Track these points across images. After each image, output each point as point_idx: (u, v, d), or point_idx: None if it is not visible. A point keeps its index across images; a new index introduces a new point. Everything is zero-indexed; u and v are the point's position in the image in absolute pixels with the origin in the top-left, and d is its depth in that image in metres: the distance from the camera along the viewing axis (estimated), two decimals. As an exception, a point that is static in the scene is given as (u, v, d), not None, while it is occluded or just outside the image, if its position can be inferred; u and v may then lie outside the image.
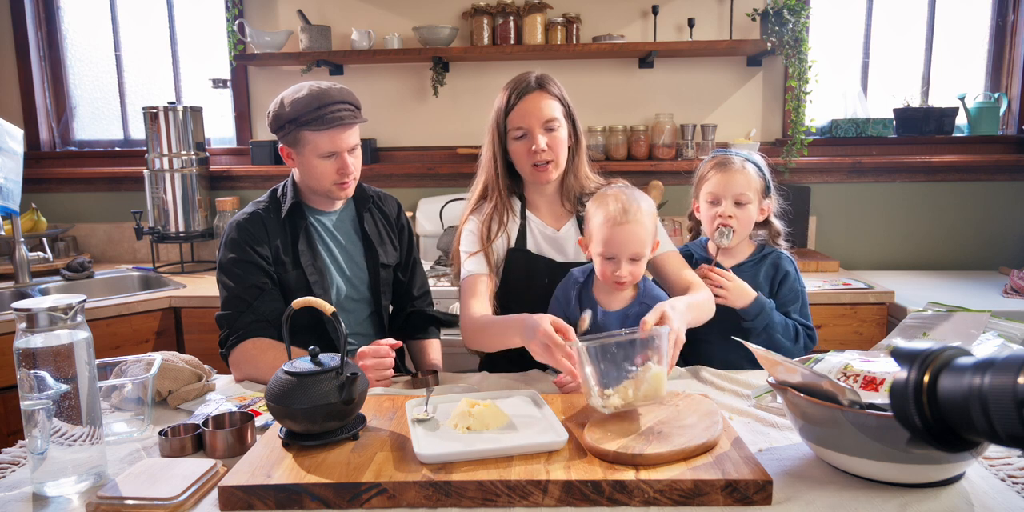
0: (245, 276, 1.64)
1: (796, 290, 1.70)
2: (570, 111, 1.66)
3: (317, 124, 1.60)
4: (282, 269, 1.70)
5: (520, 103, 1.60)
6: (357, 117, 1.66)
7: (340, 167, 1.66)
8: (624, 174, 2.73)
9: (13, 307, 1.04)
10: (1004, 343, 1.23)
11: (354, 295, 1.80)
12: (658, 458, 1.03)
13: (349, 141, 1.66)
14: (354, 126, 1.67)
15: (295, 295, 1.65)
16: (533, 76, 1.63)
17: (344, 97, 1.65)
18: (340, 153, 1.65)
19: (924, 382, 0.67)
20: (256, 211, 1.72)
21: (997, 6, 3.00)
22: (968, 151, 2.95)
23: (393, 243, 1.87)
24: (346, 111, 1.63)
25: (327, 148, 1.64)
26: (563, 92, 1.66)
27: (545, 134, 1.60)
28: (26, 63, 3.18)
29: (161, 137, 2.85)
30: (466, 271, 1.64)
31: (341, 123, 1.61)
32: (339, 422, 1.14)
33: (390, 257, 1.85)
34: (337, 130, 1.63)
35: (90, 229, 3.24)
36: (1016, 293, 2.48)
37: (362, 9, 3.07)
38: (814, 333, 1.69)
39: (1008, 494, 1.00)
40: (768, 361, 1.10)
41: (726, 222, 1.65)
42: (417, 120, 3.13)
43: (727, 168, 1.67)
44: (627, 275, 1.47)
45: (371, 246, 1.80)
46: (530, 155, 1.60)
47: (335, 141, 1.64)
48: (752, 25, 2.94)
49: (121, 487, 1.01)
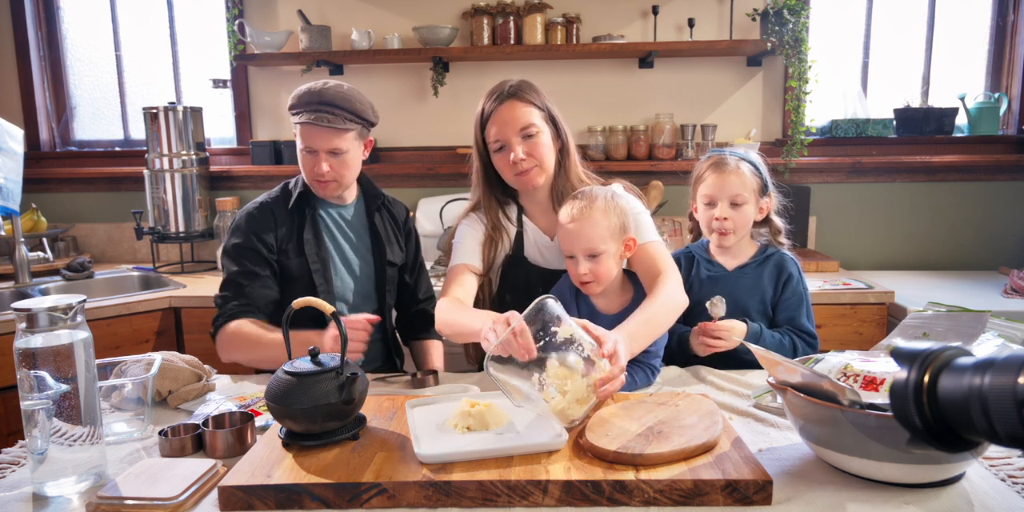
0: (243, 262, 1.68)
1: (799, 293, 1.68)
2: (551, 114, 1.64)
3: (297, 116, 1.67)
4: (285, 257, 1.73)
5: (494, 114, 1.59)
6: (338, 123, 1.64)
7: (314, 165, 1.68)
8: (624, 174, 2.74)
9: (13, 307, 1.04)
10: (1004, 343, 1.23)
11: (359, 289, 1.81)
12: (658, 458, 1.03)
13: (326, 142, 1.66)
14: (335, 131, 1.65)
15: (298, 283, 1.71)
16: (508, 85, 1.62)
17: (339, 102, 1.65)
18: (317, 152, 1.67)
19: (924, 382, 0.67)
20: (266, 201, 1.77)
21: (997, 6, 3.00)
22: (968, 151, 2.95)
23: (400, 244, 1.89)
24: (330, 114, 1.64)
25: (303, 142, 1.68)
26: (542, 97, 1.63)
27: (523, 142, 1.58)
28: (26, 63, 3.18)
29: (161, 137, 2.85)
30: (453, 261, 1.65)
31: (315, 123, 1.63)
32: (339, 422, 1.14)
33: (396, 256, 1.86)
34: (311, 128, 1.65)
35: (90, 229, 3.24)
36: (1016, 293, 2.48)
37: (362, 9, 3.07)
38: (816, 341, 1.65)
39: (1008, 494, 1.00)
40: (768, 361, 1.10)
41: (723, 226, 1.66)
42: (417, 120, 3.13)
43: (722, 169, 1.66)
44: (588, 273, 1.47)
45: (379, 242, 1.82)
46: (511, 166, 1.59)
47: (310, 138, 1.66)
48: (752, 25, 2.94)
49: (121, 487, 1.01)
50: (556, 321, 1.21)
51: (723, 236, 1.67)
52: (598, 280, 1.48)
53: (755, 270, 1.70)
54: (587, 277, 1.47)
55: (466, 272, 1.62)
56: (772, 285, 1.69)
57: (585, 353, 1.20)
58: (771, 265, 1.69)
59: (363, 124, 1.71)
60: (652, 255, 1.56)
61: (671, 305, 1.47)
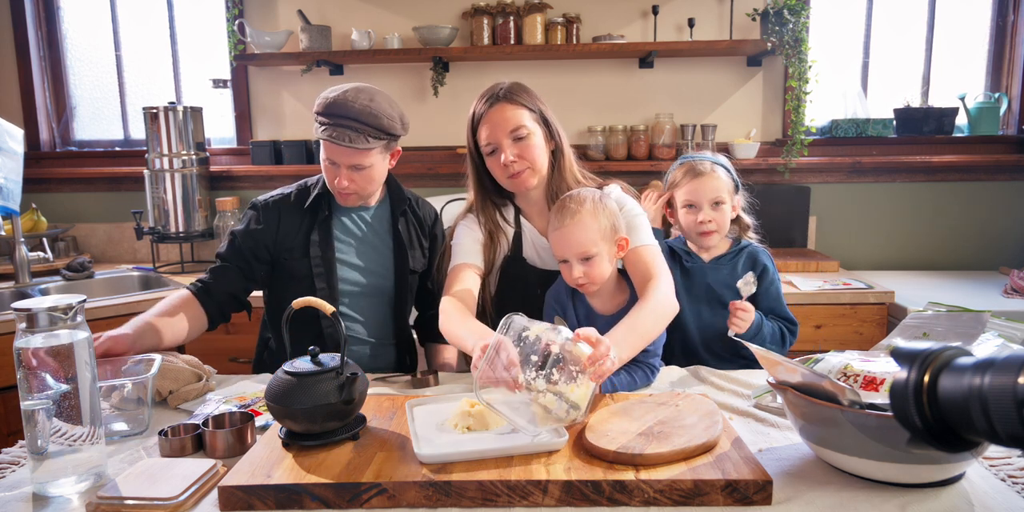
0: (228, 250, 1.75)
1: (775, 282, 1.73)
2: (543, 116, 1.63)
3: (321, 128, 1.63)
4: (289, 255, 1.73)
5: (484, 117, 1.59)
6: (360, 142, 1.60)
7: (335, 177, 1.67)
8: (624, 174, 2.74)
9: (13, 307, 1.04)
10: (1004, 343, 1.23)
11: (370, 294, 1.79)
12: (658, 458, 1.03)
13: (348, 158, 1.63)
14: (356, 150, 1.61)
15: (299, 283, 1.72)
16: (499, 87, 1.61)
17: (364, 117, 1.60)
18: (339, 165, 1.65)
19: (924, 382, 0.67)
20: (280, 197, 1.78)
21: (997, 6, 3.00)
22: (968, 151, 2.95)
23: (423, 249, 1.86)
24: (352, 131, 1.59)
25: (326, 153, 1.66)
26: (534, 99, 1.62)
27: (514, 144, 1.57)
28: (26, 63, 3.18)
29: (161, 137, 2.85)
30: (453, 262, 1.64)
31: (334, 141, 1.60)
32: (339, 422, 1.14)
33: (418, 263, 1.83)
34: (332, 144, 1.62)
35: (90, 229, 3.24)
36: (1016, 293, 2.48)
37: (362, 9, 3.07)
38: (796, 327, 1.71)
39: (1008, 494, 1.00)
40: (768, 361, 1.10)
41: (707, 228, 1.70)
42: (417, 120, 3.12)
43: (699, 174, 1.72)
44: (582, 276, 1.46)
45: (401, 247, 1.79)
46: (503, 168, 1.59)
47: (331, 153, 1.65)
48: (752, 25, 2.94)
49: (121, 487, 1.01)
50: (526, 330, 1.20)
51: (707, 236, 1.72)
52: (593, 281, 1.48)
53: (730, 262, 1.74)
54: (582, 280, 1.47)
55: (466, 270, 1.61)
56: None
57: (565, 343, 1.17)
58: (745, 256, 1.75)
59: (389, 139, 1.67)
60: (645, 259, 1.54)
61: (660, 310, 1.44)
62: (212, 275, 1.73)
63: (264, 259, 1.75)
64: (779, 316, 1.71)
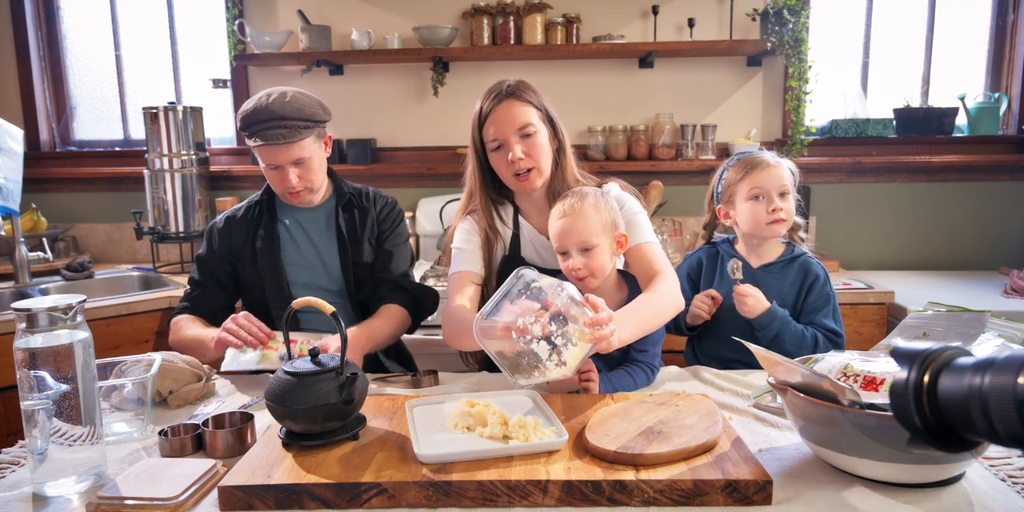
0: (198, 272, 1.82)
1: (827, 294, 1.67)
2: (549, 115, 1.63)
3: (252, 139, 1.67)
4: (242, 266, 1.80)
5: (492, 113, 1.59)
6: (294, 135, 1.64)
7: (282, 179, 1.70)
8: (624, 174, 2.74)
9: (13, 307, 1.04)
10: (1004, 343, 1.23)
11: (328, 287, 1.80)
12: (658, 458, 1.03)
13: (288, 156, 1.67)
14: (292, 144, 1.65)
15: (252, 290, 1.81)
16: (506, 84, 1.61)
17: (287, 112, 1.64)
18: (282, 166, 1.68)
19: (924, 382, 0.67)
20: (230, 213, 1.85)
21: (997, 6, 3.00)
22: (968, 151, 2.95)
23: (371, 242, 1.85)
24: (282, 128, 1.63)
25: (265, 161, 1.70)
26: (540, 98, 1.63)
27: (521, 141, 1.58)
28: (26, 63, 3.18)
29: (161, 137, 2.85)
30: (454, 268, 1.65)
31: (271, 142, 1.64)
32: (339, 422, 1.14)
33: (367, 255, 1.83)
34: (270, 147, 1.65)
35: (90, 229, 3.24)
36: (1016, 293, 2.48)
37: (362, 9, 3.07)
38: (842, 340, 1.65)
39: (1008, 494, 1.00)
40: (768, 361, 1.10)
41: (779, 216, 1.64)
42: (417, 120, 3.13)
43: (764, 164, 1.67)
44: (582, 267, 1.47)
45: (344, 244, 1.80)
46: (509, 165, 1.59)
47: (271, 156, 1.67)
48: (752, 25, 2.94)
49: (121, 487, 1.01)
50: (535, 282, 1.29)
51: (779, 224, 1.66)
52: (593, 274, 1.48)
53: (781, 270, 1.69)
54: (582, 272, 1.47)
55: (468, 283, 1.62)
56: (797, 286, 1.68)
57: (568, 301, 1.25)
58: (797, 266, 1.69)
59: (317, 125, 1.70)
60: (648, 256, 1.56)
61: (665, 301, 1.47)
62: (192, 302, 1.79)
63: (231, 274, 1.81)
64: (821, 326, 1.64)
